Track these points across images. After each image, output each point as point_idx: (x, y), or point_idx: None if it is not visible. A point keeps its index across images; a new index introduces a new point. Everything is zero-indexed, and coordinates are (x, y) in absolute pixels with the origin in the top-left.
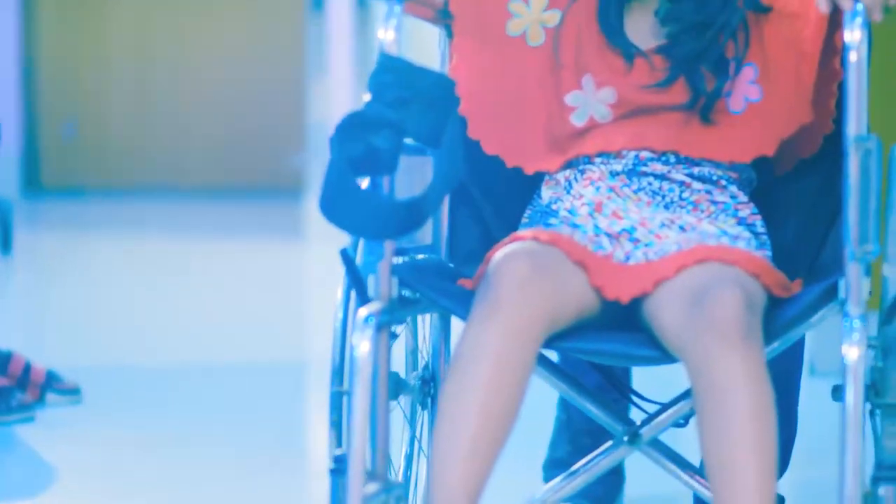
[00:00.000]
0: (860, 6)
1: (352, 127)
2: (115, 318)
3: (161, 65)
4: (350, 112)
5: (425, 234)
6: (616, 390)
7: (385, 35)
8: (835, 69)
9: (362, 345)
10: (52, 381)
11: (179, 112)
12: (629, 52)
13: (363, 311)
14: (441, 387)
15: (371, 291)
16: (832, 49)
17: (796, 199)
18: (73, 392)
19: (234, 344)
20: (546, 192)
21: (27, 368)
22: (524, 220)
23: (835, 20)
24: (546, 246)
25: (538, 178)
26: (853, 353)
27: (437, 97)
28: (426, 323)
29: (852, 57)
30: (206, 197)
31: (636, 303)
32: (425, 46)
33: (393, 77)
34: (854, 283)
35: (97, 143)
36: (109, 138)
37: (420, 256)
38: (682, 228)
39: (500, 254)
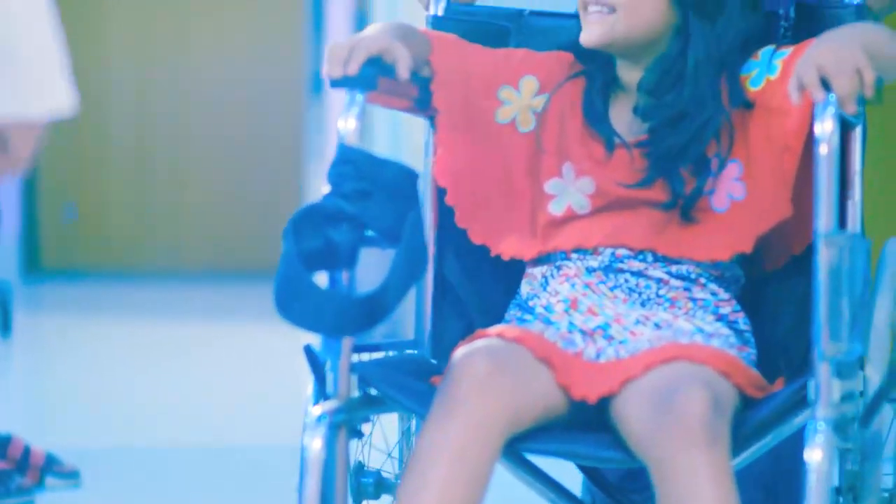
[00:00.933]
0: (832, 97)
1: (308, 220)
2: (114, 401)
3: (161, 149)
4: (306, 205)
5: (408, 329)
6: (601, 489)
7: (345, 124)
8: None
9: (313, 444)
10: (51, 465)
11: (179, 194)
12: (610, 141)
13: (316, 410)
14: (398, 486)
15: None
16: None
17: (788, 296)
18: (73, 475)
19: (234, 426)
20: (524, 288)
21: (26, 452)
22: (506, 315)
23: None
24: (510, 343)
25: (522, 270)
26: (816, 455)
27: (400, 189)
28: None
29: (822, 150)
30: (206, 279)
31: (605, 402)
32: None
33: (352, 169)
34: (823, 383)
35: (97, 225)
36: (109, 220)
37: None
38: (657, 325)
39: (461, 351)
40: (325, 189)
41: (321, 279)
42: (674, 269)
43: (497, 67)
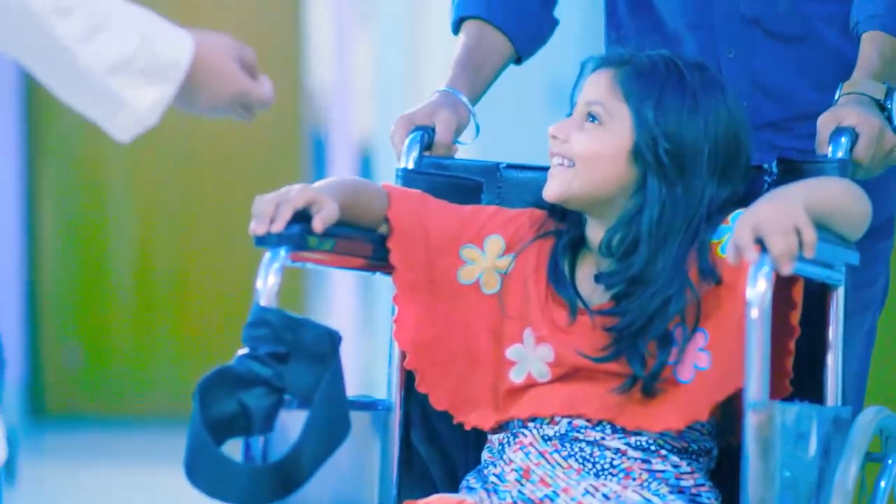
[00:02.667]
0: (766, 258)
1: (220, 384)
2: None
3: (162, 294)
4: (217, 368)
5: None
6: None
7: (264, 283)
8: (791, 325)
9: None
10: None
11: (182, 340)
12: (574, 306)
13: None
14: None
15: None
16: (790, 304)
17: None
18: None
19: None
20: (484, 454)
21: None
22: (462, 482)
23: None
24: None
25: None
26: None
27: (320, 351)
28: None
29: (752, 314)
30: None
31: None
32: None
33: (268, 331)
34: None
35: (100, 369)
36: (112, 365)
37: None
38: (605, 497)
39: None
40: (241, 351)
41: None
42: (633, 440)
43: (461, 225)
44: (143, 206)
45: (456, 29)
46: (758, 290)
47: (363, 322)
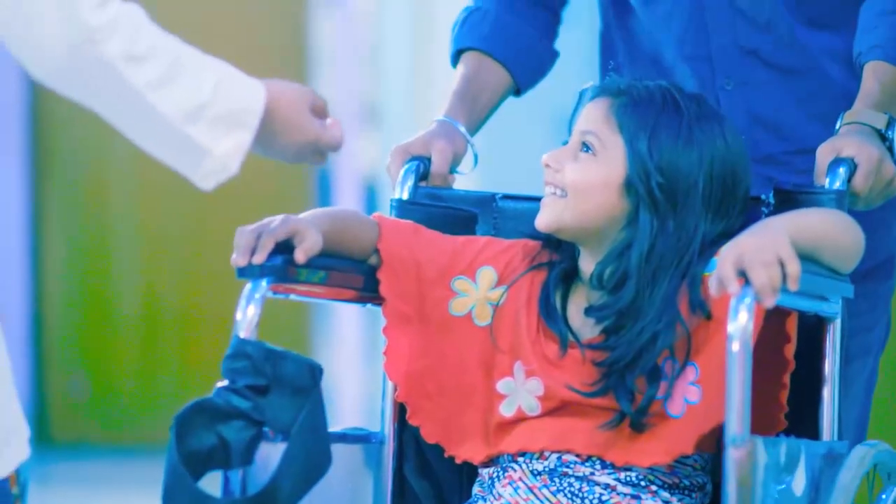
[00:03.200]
0: (749, 290)
1: (197, 417)
2: None
3: (168, 323)
4: (195, 400)
5: None
6: None
7: (243, 315)
8: (785, 358)
9: None
10: None
11: (187, 368)
12: (564, 340)
13: None
14: None
15: None
16: (783, 337)
17: None
18: None
19: None
20: (475, 488)
21: None
22: None
23: (783, 308)
24: None
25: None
26: None
27: (301, 384)
28: None
29: (734, 346)
30: None
31: None
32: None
33: (247, 363)
34: None
35: (105, 398)
36: (118, 394)
37: None
38: None
39: None
40: (220, 383)
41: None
42: (622, 475)
43: (453, 256)
44: (148, 235)
45: (455, 61)
46: (739, 322)
47: (368, 352)
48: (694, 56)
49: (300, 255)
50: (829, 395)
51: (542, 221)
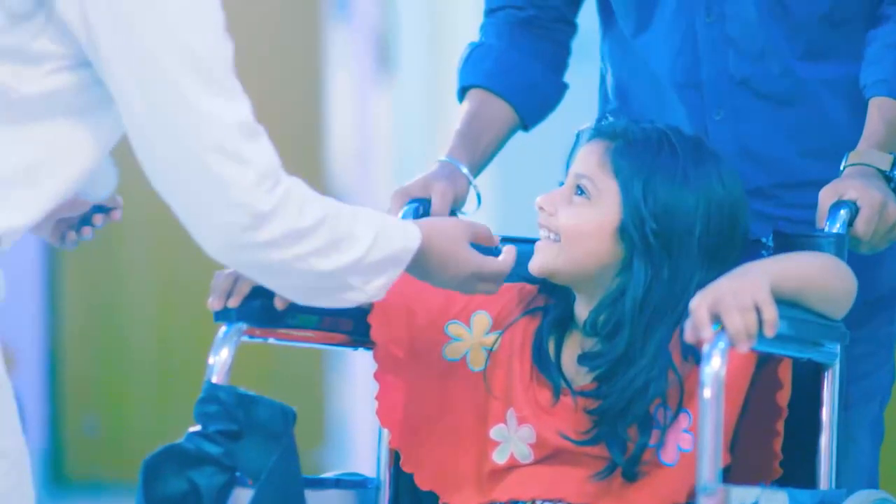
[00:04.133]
0: (723, 336)
1: (167, 462)
2: None
3: (182, 361)
4: (165, 446)
5: None
6: None
7: (216, 358)
8: (778, 405)
9: None
10: None
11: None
12: (557, 387)
13: None
14: None
15: None
16: (776, 383)
17: None
18: None
19: None
20: None
21: None
22: None
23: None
24: None
25: None
26: None
27: (274, 429)
28: None
29: (706, 393)
30: None
31: None
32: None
33: (219, 408)
34: None
35: (119, 437)
36: (131, 433)
37: None
38: None
39: None
40: (193, 428)
41: None
42: None
43: (447, 300)
44: (162, 278)
45: (461, 98)
46: (712, 368)
47: None
48: (684, 84)
49: (279, 302)
50: (826, 442)
51: (535, 266)
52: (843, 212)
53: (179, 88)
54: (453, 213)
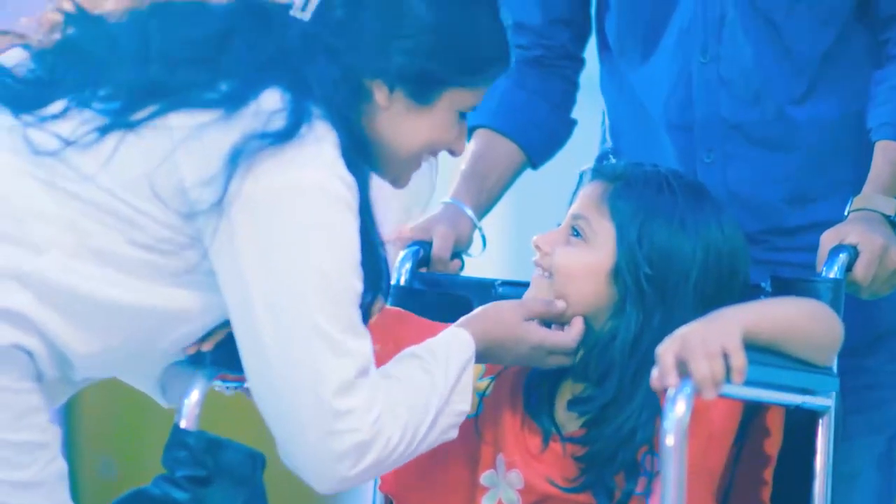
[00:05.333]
0: (689, 382)
1: None
2: None
3: None
4: (133, 490)
5: None
6: None
7: (186, 402)
8: (766, 454)
9: None
10: None
11: None
12: (547, 434)
13: None
14: None
15: None
16: (764, 431)
17: None
18: None
19: None
20: None
21: None
22: None
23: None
24: None
25: None
26: None
27: (242, 474)
28: None
29: (668, 440)
30: None
31: None
32: None
33: (187, 453)
34: None
35: (135, 481)
36: (147, 476)
37: None
38: None
39: None
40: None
41: None
42: None
43: None
44: None
45: (468, 138)
46: (676, 415)
47: None
48: (677, 125)
49: None
50: (820, 491)
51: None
52: (841, 256)
53: (313, 321)
54: (458, 255)
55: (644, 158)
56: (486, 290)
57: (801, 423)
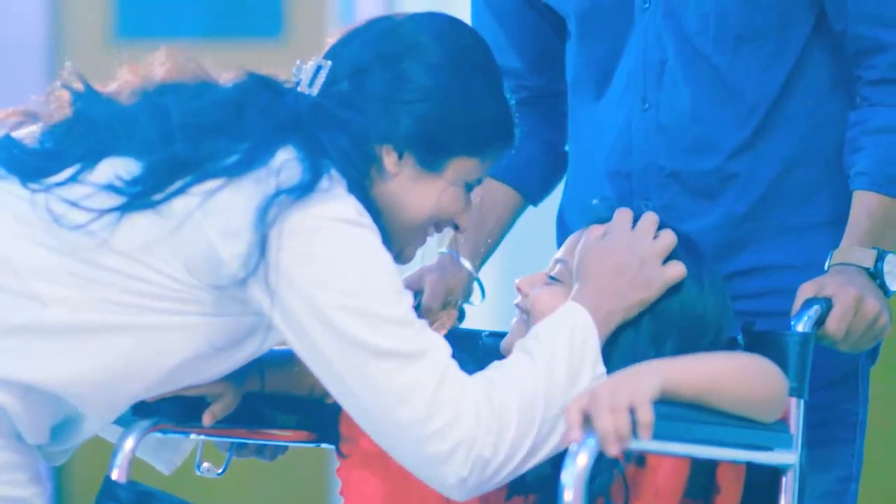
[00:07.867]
0: (594, 437)
1: None
2: None
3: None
4: None
5: None
6: None
7: (120, 452)
8: None
9: None
10: None
11: (211, 484)
12: (512, 485)
13: None
14: None
15: None
16: (713, 487)
17: None
18: None
19: None
20: None
21: None
22: None
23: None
24: None
25: None
26: None
27: None
28: None
29: (566, 496)
30: None
31: None
32: None
33: None
34: None
35: None
36: None
37: None
38: None
39: None
40: None
41: None
42: None
43: None
44: None
45: None
46: (576, 469)
47: None
48: (616, 172)
49: (207, 419)
50: None
51: (505, 344)
52: (815, 309)
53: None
54: (457, 305)
55: (587, 201)
56: (472, 341)
57: (763, 481)
